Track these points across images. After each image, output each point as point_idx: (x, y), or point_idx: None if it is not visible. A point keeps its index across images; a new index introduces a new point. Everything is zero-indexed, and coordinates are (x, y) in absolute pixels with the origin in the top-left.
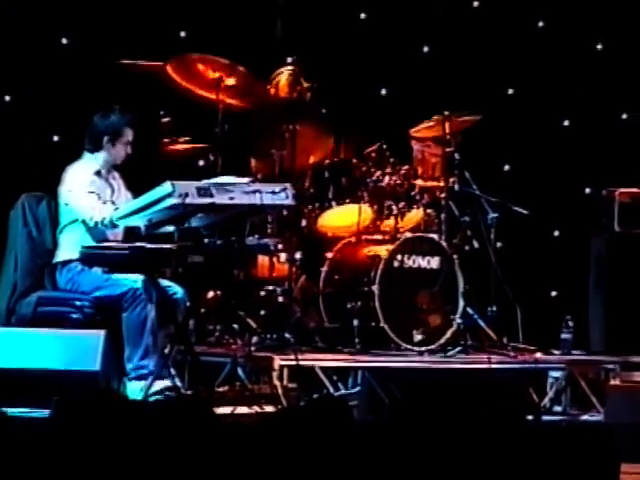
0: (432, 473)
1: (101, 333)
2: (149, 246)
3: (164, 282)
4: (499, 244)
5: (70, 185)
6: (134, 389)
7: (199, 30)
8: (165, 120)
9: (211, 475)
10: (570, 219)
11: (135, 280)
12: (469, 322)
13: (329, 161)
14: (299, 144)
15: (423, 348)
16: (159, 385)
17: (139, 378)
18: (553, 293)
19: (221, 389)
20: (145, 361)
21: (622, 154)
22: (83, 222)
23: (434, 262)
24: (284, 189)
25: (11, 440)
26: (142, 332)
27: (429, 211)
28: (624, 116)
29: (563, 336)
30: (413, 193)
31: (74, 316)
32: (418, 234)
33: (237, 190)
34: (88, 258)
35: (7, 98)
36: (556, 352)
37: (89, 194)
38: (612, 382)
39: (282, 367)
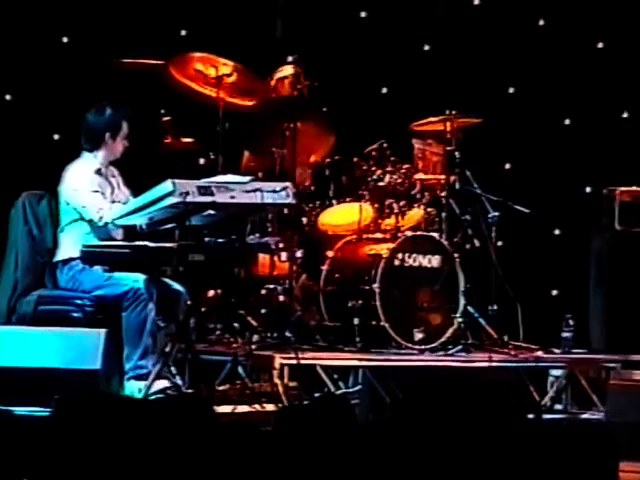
0: (433, 472)
1: (102, 332)
2: (150, 245)
3: (165, 281)
4: (500, 243)
5: (74, 184)
6: (133, 389)
7: (200, 29)
8: (166, 119)
9: (212, 474)
10: (571, 218)
11: (136, 280)
12: (470, 321)
13: (330, 159)
14: (300, 143)
15: (424, 347)
16: (159, 385)
17: (138, 378)
18: (554, 292)
19: (222, 388)
20: (144, 361)
21: (623, 153)
22: (89, 221)
23: (435, 261)
24: (285, 188)
25: (12, 438)
26: (142, 332)
27: (430, 210)
28: (625, 115)
29: (564, 334)
30: (414, 192)
31: (75, 315)
32: (419, 233)
33: (238, 189)
34: (89, 257)
35: (8, 97)
36: (557, 351)
37: (94, 193)
38: (613, 381)
39: (283, 366)
